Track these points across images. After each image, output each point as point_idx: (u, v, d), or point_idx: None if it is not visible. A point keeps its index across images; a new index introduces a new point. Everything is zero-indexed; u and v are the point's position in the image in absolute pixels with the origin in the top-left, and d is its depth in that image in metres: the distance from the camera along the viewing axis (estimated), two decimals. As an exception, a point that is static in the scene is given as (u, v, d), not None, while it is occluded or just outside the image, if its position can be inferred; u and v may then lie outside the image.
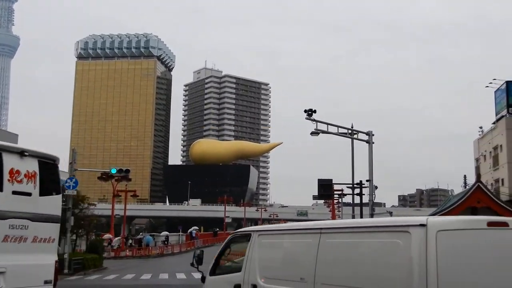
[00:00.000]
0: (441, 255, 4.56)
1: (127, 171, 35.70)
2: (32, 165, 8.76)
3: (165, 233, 68.59)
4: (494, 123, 53.18)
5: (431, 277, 4.46)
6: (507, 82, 50.16)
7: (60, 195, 10.07)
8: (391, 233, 5.18)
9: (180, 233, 65.47)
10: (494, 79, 54.22)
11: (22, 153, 8.63)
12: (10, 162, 8.28)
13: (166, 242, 57.29)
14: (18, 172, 8.38)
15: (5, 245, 7.98)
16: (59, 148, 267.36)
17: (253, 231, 7.84)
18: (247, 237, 7.73)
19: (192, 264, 8.70)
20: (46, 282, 9.17)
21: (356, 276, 5.41)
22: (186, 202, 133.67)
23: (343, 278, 5.58)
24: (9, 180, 8.19)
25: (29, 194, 8.53)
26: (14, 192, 8.27)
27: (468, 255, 4.80)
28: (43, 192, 8.94)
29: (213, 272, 8.30)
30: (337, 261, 5.84)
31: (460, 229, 4.98)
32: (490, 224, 5.12)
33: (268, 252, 7.28)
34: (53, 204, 9.32)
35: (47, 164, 9.38)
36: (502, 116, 50.06)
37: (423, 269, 4.53)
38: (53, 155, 9.93)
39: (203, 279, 8.75)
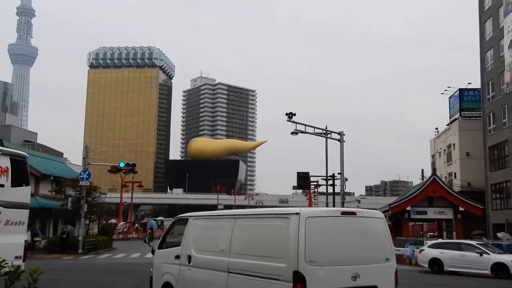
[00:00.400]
0: (307, 231, 5.99)
1: (134, 165, 35.57)
2: (5, 162, 9.21)
3: (160, 218, 68.74)
4: (448, 124, 53.60)
5: (301, 244, 5.90)
6: (460, 90, 50.54)
7: (29, 186, 10.38)
8: (279, 219, 6.62)
9: (179, 218, 65.29)
10: (449, 87, 54.67)
11: None
12: None
13: (161, 226, 57.19)
14: None
15: None
16: (74, 145, 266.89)
17: (190, 216, 8.87)
18: (185, 220, 8.77)
19: (144, 241, 9.22)
20: (16, 257, 9.76)
21: (257, 247, 6.74)
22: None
23: (248, 249, 6.87)
24: None
25: (2, 186, 8.97)
26: None
27: (326, 232, 6.27)
28: (14, 184, 9.36)
29: (160, 247, 9.25)
30: (245, 237, 7.13)
31: (321, 216, 6.47)
32: (343, 213, 6.70)
33: (200, 232, 8.27)
34: (23, 194, 9.75)
35: (18, 161, 9.83)
36: (455, 119, 50.52)
37: (296, 240, 5.95)
38: (23, 153, 10.59)
39: (153, 252, 9.64)
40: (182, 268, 8.09)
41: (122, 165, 33.76)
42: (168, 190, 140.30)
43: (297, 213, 6.14)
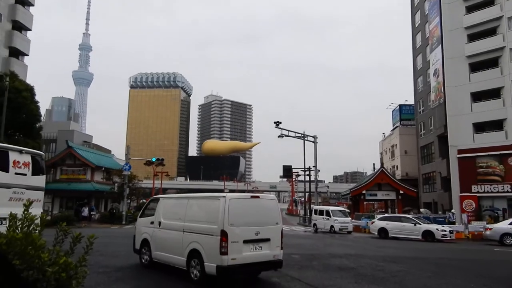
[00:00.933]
0: (229, 207, 7.20)
1: (162, 159, 35.25)
2: (27, 158, 9.62)
3: None
4: (392, 130, 53.78)
5: (226, 214, 7.10)
6: (400, 105, 50.73)
7: (44, 175, 10.54)
8: (214, 199, 7.65)
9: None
10: (392, 103, 54.96)
11: (20, 151, 9.61)
12: (13, 156, 9.26)
13: None
14: (18, 162, 9.31)
15: (10, 203, 8.62)
16: (119, 145, 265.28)
17: (161, 197, 9.88)
18: (158, 199, 9.59)
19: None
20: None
21: (201, 216, 7.84)
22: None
23: (196, 217, 7.92)
24: (12, 166, 9.12)
25: (25, 175, 9.38)
26: (16, 173, 9.18)
27: (240, 207, 7.45)
28: (34, 173, 9.71)
29: (141, 216, 9.98)
30: (194, 210, 8.14)
31: (238, 199, 7.70)
32: (252, 196, 8.02)
33: (166, 207, 9.03)
34: (39, 181, 10.01)
35: (36, 158, 10.15)
36: (397, 126, 50.68)
37: (223, 212, 7.14)
38: (40, 152, 11.04)
39: (136, 220, 10.61)
40: (155, 230, 8.88)
41: (154, 159, 33.43)
42: (187, 178, 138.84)
43: (224, 197, 7.47)
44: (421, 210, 30.86)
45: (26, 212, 2.70)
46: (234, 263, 6.95)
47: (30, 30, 36.99)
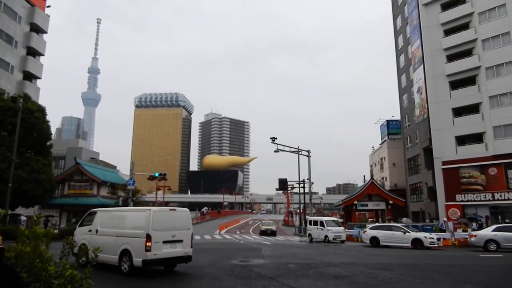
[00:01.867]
0: (153, 217, 9.05)
1: (165, 174, 34.99)
2: None
3: (205, 208, 63.49)
4: (380, 144, 53.90)
5: (150, 222, 8.92)
6: (387, 121, 51.06)
7: None
8: (143, 211, 9.52)
9: (197, 211, 63.88)
10: (380, 119, 55.34)
11: None
12: None
13: (204, 212, 55.07)
14: None
15: None
16: (124, 161, 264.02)
17: (98, 210, 11.09)
18: (95, 212, 10.94)
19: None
20: None
21: (131, 224, 9.49)
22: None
23: (127, 225, 9.53)
24: None
25: None
26: None
27: (162, 217, 9.34)
28: None
29: (79, 226, 11.23)
30: (126, 220, 9.72)
31: (160, 211, 9.67)
32: (170, 209, 9.92)
33: (103, 218, 10.48)
34: None
35: None
36: (385, 140, 50.89)
37: (148, 220, 8.99)
38: None
39: (75, 229, 11.54)
40: (92, 236, 10.26)
41: (156, 174, 33.18)
42: (188, 192, 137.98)
43: (150, 209, 9.39)
44: (403, 219, 30.63)
45: (34, 227, 2.66)
46: (156, 258, 8.86)
47: (43, 55, 37.31)
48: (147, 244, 8.69)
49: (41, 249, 2.51)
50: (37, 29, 36.41)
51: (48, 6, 39.18)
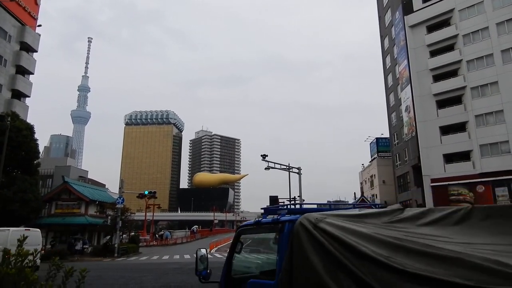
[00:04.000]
0: (11, 236, 11.21)
1: (154, 192, 34.69)
2: None
3: (195, 226, 62.83)
4: (370, 162, 54.29)
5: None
6: (377, 138, 51.66)
7: None
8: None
9: (187, 229, 62.70)
10: (369, 137, 56.25)
11: None
12: None
13: (194, 231, 56.03)
14: None
15: None
16: (113, 179, 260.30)
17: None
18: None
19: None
20: None
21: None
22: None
23: None
24: None
25: None
26: None
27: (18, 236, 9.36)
28: None
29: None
30: None
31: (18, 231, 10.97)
32: (26, 229, 11.20)
33: None
34: None
35: None
36: (375, 158, 51.29)
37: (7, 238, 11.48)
38: None
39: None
40: None
41: (146, 192, 32.90)
42: (179, 211, 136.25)
43: (9, 229, 10.93)
44: None
45: (19, 248, 2.63)
46: None
47: (32, 74, 37.21)
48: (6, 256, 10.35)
49: (27, 271, 2.48)
50: (27, 48, 36.44)
51: (39, 25, 39.36)
